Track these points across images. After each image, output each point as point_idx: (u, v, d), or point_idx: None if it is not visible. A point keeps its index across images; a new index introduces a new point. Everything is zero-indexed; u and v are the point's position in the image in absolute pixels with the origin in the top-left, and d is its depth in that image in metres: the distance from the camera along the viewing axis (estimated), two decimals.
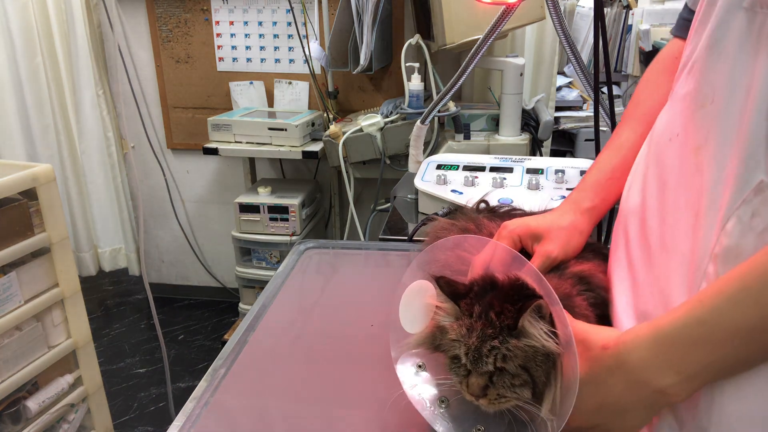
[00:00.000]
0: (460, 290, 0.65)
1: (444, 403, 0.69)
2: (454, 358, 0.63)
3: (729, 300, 0.49)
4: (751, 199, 0.50)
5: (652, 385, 0.53)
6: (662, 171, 0.64)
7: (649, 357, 0.53)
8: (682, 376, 0.52)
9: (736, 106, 0.53)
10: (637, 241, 0.65)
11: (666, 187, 0.62)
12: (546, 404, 0.60)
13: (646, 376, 0.53)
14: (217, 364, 0.86)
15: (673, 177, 0.61)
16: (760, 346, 0.48)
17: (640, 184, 0.68)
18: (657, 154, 0.66)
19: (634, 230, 0.67)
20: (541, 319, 0.60)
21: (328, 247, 1.25)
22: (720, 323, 0.49)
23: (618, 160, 0.78)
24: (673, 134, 0.62)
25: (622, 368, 0.55)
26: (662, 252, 0.60)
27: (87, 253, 2.97)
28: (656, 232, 0.62)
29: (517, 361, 0.60)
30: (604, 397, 0.57)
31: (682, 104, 0.61)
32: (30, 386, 1.72)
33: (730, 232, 0.51)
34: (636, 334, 0.55)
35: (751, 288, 0.48)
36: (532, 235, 0.77)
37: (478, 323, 0.61)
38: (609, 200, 0.78)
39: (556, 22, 1.38)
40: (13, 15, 2.52)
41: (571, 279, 0.72)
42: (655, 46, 3.22)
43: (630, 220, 0.68)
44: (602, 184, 0.79)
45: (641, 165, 0.71)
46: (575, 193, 0.82)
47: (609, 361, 0.56)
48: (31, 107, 2.66)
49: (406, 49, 2.14)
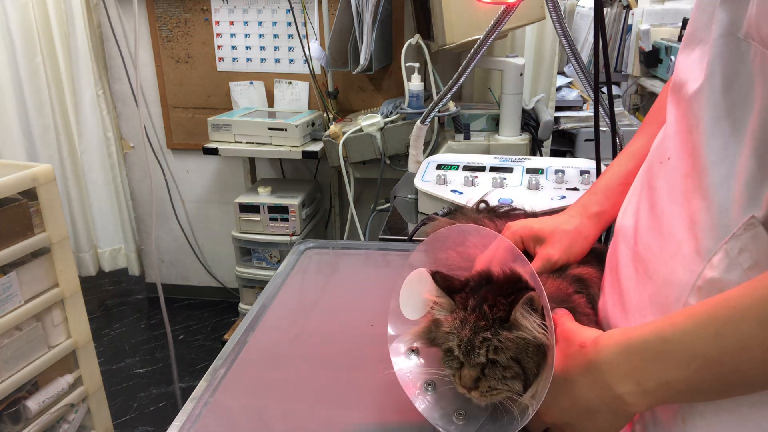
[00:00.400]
0: (455, 285, 0.66)
1: (430, 386, 0.70)
2: (448, 351, 0.64)
3: (695, 325, 0.49)
4: (740, 234, 0.49)
5: (614, 391, 0.53)
6: (652, 194, 0.62)
7: (616, 362, 0.54)
8: (640, 388, 0.52)
9: (725, 138, 0.51)
10: (627, 266, 0.64)
11: (654, 212, 0.61)
12: (530, 390, 0.61)
13: (610, 380, 0.54)
14: (217, 364, 0.86)
15: (662, 202, 0.60)
16: (714, 377, 0.48)
17: (634, 205, 0.67)
18: (649, 176, 0.65)
19: (624, 254, 0.66)
20: (534, 311, 0.60)
21: (328, 247, 1.25)
22: (681, 345, 0.49)
23: (631, 166, 0.77)
24: (664, 157, 0.61)
25: (591, 368, 0.55)
26: (647, 279, 0.60)
27: (87, 253, 2.97)
28: (643, 257, 0.61)
29: (508, 352, 0.60)
30: (575, 396, 0.57)
31: (675, 126, 0.60)
32: (30, 386, 1.72)
33: (716, 266, 0.51)
34: (609, 337, 0.56)
35: (717, 319, 0.47)
36: (535, 238, 0.77)
37: (472, 316, 0.62)
38: (620, 205, 0.77)
39: (556, 22, 1.38)
40: (13, 15, 2.52)
41: (569, 278, 0.73)
42: (655, 46, 3.22)
43: (621, 241, 0.67)
44: (613, 189, 0.78)
45: (638, 184, 0.69)
46: (584, 197, 0.81)
47: (582, 359, 0.56)
48: (31, 107, 2.66)
49: (406, 49, 2.14)
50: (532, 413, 0.59)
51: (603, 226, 0.79)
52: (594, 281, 0.74)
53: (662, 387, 0.51)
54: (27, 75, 2.62)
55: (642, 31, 3.34)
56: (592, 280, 0.74)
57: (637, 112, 3.54)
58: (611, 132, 1.12)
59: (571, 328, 0.61)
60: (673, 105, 0.61)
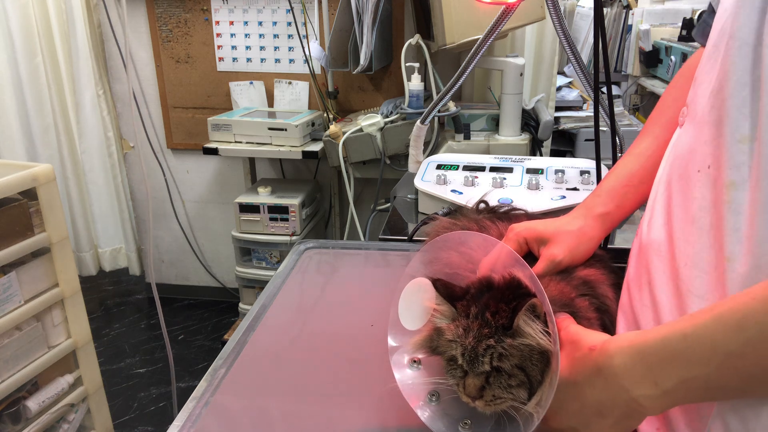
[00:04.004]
0: (456, 292, 0.65)
1: (434, 396, 0.69)
2: (451, 360, 0.63)
3: (715, 319, 0.48)
4: None
5: (629, 394, 0.52)
6: (690, 205, 0.58)
7: (631, 365, 0.52)
8: (658, 390, 0.51)
9: None
10: (665, 285, 0.61)
11: (696, 226, 0.57)
12: (534, 398, 0.60)
13: (625, 383, 0.52)
14: (217, 364, 0.86)
15: (706, 215, 0.55)
16: (735, 372, 0.47)
17: (662, 216, 0.63)
18: (683, 186, 0.60)
19: (660, 271, 0.62)
20: (536, 318, 0.60)
21: (328, 247, 1.25)
22: (701, 340, 0.48)
23: (636, 168, 0.76)
24: (702, 165, 0.57)
25: (603, 372, 0.54)
26: (695, 298, 0.56)
27: (87, 253, 2.97)
28: (686, 275, 0.57)
29: (513, 360, 0.60)
30: (585, 399, 0.56)
31: (712, 131, 0.56)
32: (30, 386, 1.72)
33: None
34: (623, 340, 0.54)
35: (739, 310, 0.46)
36: (539, 239, 0.77)
37: (475, 323, 0.61)
38: (625, 207, 0.76)
39: (556, 22, 1.38)
40: (13, 15, 2.52)
41: (575, 282, 0.72)
42: (655, 46, 3.22)
43: (653, 258, 0.64)
44: (618, 190, 0.78)
45: (662, 193, 0.65)
46: (589, 199, 0.80)
47: (593, 363, 0.55)
48: (31, 107, 2.66)
49: (406, 49, 2.14)
50: (538, 421, 0.58)
51: (608, 227, 0.78)
52: (600, 285, 0.73)
53: (681, 386, 0.50)
54: (27, 75, 2.62)
55: (642, 31, 3.34)
56: (599, 282, 0.74)
57: (637, 112, 3.54)
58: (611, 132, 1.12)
59: (577, 331, 0.60)
60: (709, 109, 0.57)
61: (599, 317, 0.69)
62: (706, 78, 0.59)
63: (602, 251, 0.81)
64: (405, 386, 0.70)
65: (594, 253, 0.78)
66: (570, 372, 0.57)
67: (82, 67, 2.68)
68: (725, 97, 0.54)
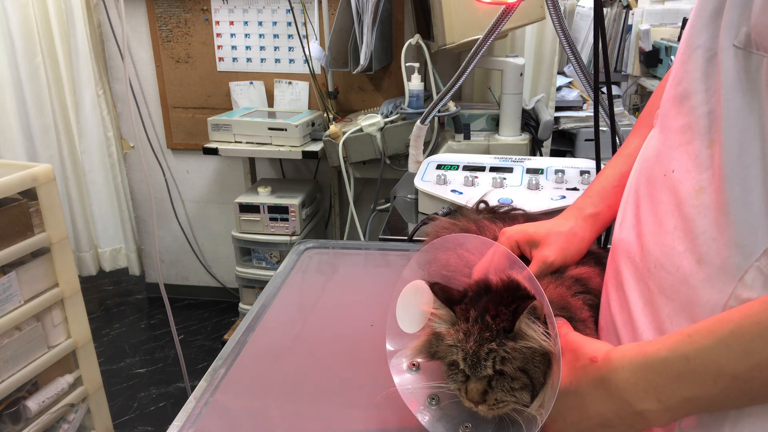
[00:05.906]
0: (454, 296, 0.65)
1: (434, 400, 0.69)
2: (452, 365, 0.63)
3: (719, 343, 0.47)
4: None
5: (634, 408, 0.52)
6: (657, 208, 0.59)
7: (634, 380, 0.52)
8: (662, 405, 0.51)
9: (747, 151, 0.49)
10: (634, 284, 0.62)
11: (662, 227, 0.58)
12: (537, 400, 0.60)
13: (628, 397, 0.52)
14: (217, 364, 0.86)
15: (671, 218, 0.57)
16: (742, 393, 0.47)
17: (632, 219, 0.64)
18: (650, 189, 0.61)
19: (629, 272, 0.63)
20: (537, 320, 0.60)
21: (328, 247, 1.25)
22: (705, 363, 0.48)
23: (626, 168, 0.76)
24: (668, 170, 0.58)
25: (605, 385, 0.54)
26: (663, 298, 0.57)
27: (87, 253, 2.98)
28: (655, 276, 0.58)
29: (515, 363, 0.59)
30: (586, 410, 0.56)
31: (679, 137, 0.57)
32: (30, 386, 1.72)
33: (751, 284, 0.48)
34: (623, 353, 0.54)
35: (744, 336, 0.46)
36: (530, 241, 0.77)
37: (475, 327, 0.61)
38: (615, 207, 0.76)
39: (556, 22, 1.38)
40: (13, 15, 2.52)
41: (568, 281, 0.72)
42: (655, 46, 3.22)
43: (623, 258, 0.65)
44: (608, 190, 0.78)
45: (631, 195, 0.66)
46: (580, 200, 0.81)
47: (595, 374, 0.55)
48: (31, 107, 2.66)
49: (406, 49, 2.14)
50: (541, 423, 0.58)
51: (599, 228, 0.79)
52: (593, 279, 0.73)
53: (686, 403, 0.50)
54: (27, 75, 2.62)
55: (642, 31, 3.34)
56: (591, 278, 0.74)
57: (637, 112, 3.54)
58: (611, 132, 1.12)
59: (576, 339, 0.60)
60: (674, 114, 0.58)
61: (592, 315, 0.69)
62: (671, 84, 0.60)
63: (600, 249, 0.82)
64: (404, 391, 0.70)
65: (589, 251, 0.78)
66: (570, 381, 0.57)
67: (82, 67, 2.68)
68: (689, 104, 0.56)
